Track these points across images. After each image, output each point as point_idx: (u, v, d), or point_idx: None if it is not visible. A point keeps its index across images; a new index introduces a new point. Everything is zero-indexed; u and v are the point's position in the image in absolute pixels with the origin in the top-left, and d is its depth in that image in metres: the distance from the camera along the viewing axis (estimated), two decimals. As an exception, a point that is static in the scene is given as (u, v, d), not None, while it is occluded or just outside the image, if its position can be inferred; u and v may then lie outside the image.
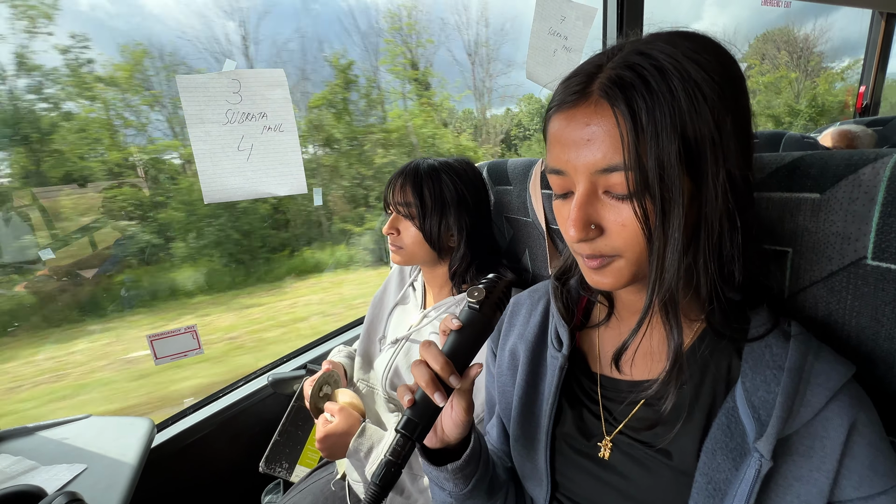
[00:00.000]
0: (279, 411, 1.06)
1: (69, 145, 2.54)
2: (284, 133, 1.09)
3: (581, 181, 0.41)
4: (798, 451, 0.40)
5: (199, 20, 2.68)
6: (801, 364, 0.41)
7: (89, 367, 2.47)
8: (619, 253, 0.42)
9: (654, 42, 0.39)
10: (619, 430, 0.50)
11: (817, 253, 0.47)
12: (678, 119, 0.36)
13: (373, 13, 3.56)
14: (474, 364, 0.50)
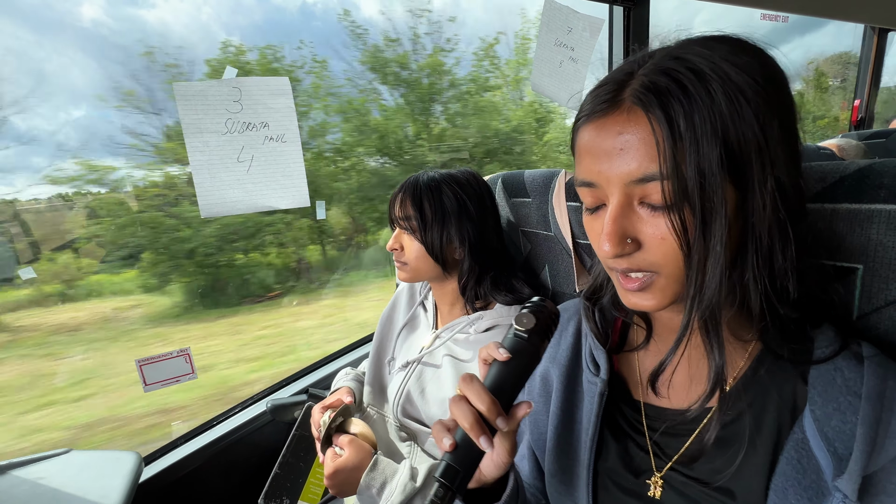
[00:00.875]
0: (278, 440, 0.98)
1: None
2: (287, 144, 1.04)
3: (614, 193, 0.39)
4: (886, 490, 0.35)
5: (200, 34, 2.65)
6: (881, 389, 0.36)
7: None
8: (658, 269, 0.39)
9: (688, 46, 0.37)
10: (671, 465, 0.45)
11: (893, 271, 0.43)
12: (719, 124, 0.34)
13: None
14: (521, 402, 0.44)
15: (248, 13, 2.90)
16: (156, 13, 2.51)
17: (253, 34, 2.59)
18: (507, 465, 0.45)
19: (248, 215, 2.50)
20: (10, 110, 1.65)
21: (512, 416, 0.43)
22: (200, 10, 2.74)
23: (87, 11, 2.10)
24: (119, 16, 2.35)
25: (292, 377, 1.21)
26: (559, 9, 1.32)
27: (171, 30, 2.46)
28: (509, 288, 0.83)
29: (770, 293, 0.38)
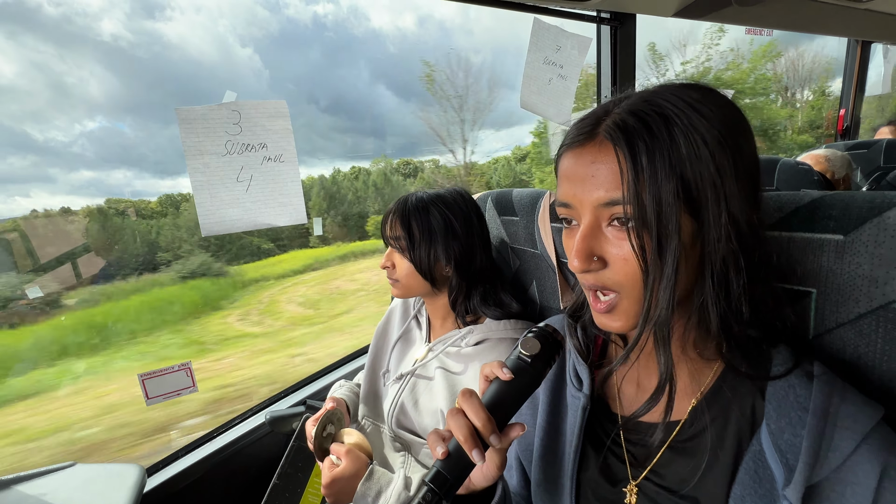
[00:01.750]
0: (277, 451, 1.01)
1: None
2: (285, 163, 1.08)
3: (586, 214, 0.44)
4: (829, 498, 0.38)
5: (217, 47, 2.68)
6: (825, 405, 0.40)
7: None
8: (620, 288, 0.44)
9: (661, 91, 0.42)
10: (644, 475, 0.49)
11: (843, 295, 0.47)
12: (677, 162, 0.39)
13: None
14: (515, 423, 0.47)
15: (265, 25, 2.97)
16: (173, 26, 2.57)
17: (268, 46, 2.64)
18: (496, 477, 0.49)
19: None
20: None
21: (505, 435, 0.46)
22: (217, 22, 2.80)
23: (106, 26, 2.15)
24: (137, 29, 2.40)
25: (290, 389, 1.24)
26: (547, 28, 1.37)
27: (188, 42, 2.51)
28: (498, 303, 0.86)
29: (727, 315, 0.42)
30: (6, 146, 2.13)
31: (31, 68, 1.77)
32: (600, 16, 1.46)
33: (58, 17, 1.74)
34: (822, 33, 1.80)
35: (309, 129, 5.29)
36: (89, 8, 1.78)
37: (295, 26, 3.02)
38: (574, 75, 1.48)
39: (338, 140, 6.49)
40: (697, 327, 0.46)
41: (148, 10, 2.30)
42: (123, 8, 1.97)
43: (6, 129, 1.96)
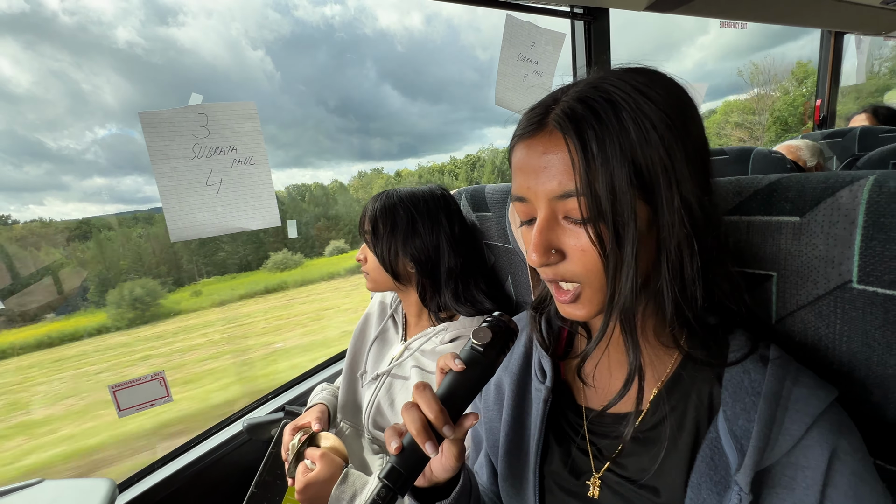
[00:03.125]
0: (256, 459, 0.99)
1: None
2: (255, 166, 1.06)
3: (541, 207, 0.43)
4: (781, 482, 0.38)
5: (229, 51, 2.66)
6: (777, 390, 0.39)
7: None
8: (581, 279, 0.43)
9: (608, 77, 0.42)
10: (607, 466, 0.48)
11: (802, 277, 0.46)
12: (628, 147, 0.38)
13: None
14: (469, 414, 0.47)
15: (276, 27, 2.98)
16: (186, 31, 2.55)
17: (280, 49, 2.64)
18: (455, 469, 0.48)
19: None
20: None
21: (459, 425, 0.46)
22: (229, 27, 2.78)
23: (121, 34, 2.13)
24: (151, 36, 2.39)
25: (269, 395, 1.21)
26: (521, 25, 1.37)
27: (201, 47, 2.49)
28: (470, 300, 0.85)
29: (680, 300, 0.42)
30: (23, 154, 2.13)
31: (48, 77, 1.75)
32: (574, 11, 1.46)
33: (73, 25, 1.72)
34: (792, 24, 1.82)
35: (316, 130, 5.42)
36: (104, 16, 1.76)
37: (304, 27, 3.02)
38: (550, 71, 1.48)
39: (345, 141, 6.72)
40: (655, 314, 0.46)
41: (161, 16, 2.30)
42: (138, 15, 1.94)
43: (21, 139, 1.95)
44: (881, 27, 2.24)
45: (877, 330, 0.42)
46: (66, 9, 3.53)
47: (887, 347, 0.41)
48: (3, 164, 2.11)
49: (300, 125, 6.16)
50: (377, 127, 9.01)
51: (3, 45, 1.46)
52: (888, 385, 0.42)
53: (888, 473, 0.43)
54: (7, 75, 1.56)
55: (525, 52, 1.40)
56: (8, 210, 2.17)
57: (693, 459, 0.42)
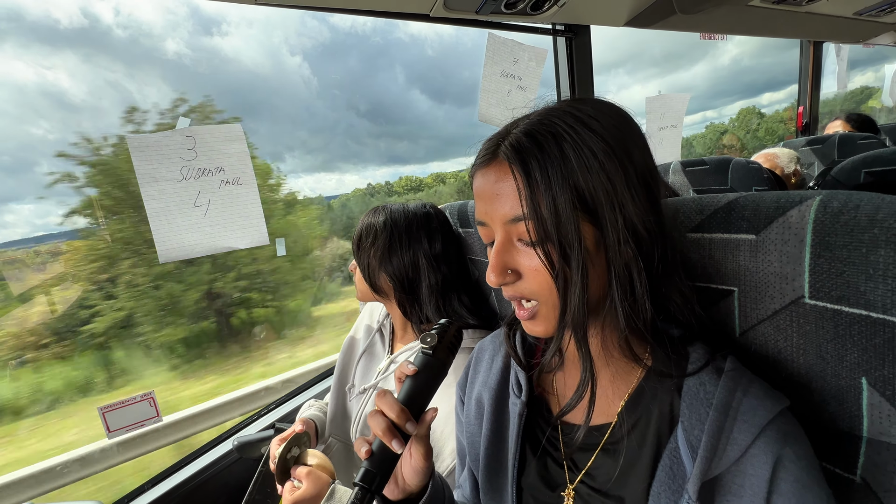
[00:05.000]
0: (246, 478, 0.99)
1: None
2: (243, 186, 1.08)
3: (498, 230, 0.46)
4: (730, 490, 0.39)
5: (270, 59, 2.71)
6: (728, 400, 0.41)
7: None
8: (536, 296, 0.46)
9: (556, 110, 0.45)
10: (580, 478, 0.50)
11: (760, 292, 0.48)
12: (569, 175, 0.41)
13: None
14: (430, 409, 0.50)
15: (314, 34, 3.07)
16: (229, 41, 2.62)
17: (317, 55, 2.70)
18: (426, 470, 0.51)
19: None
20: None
21: (421, 422, 0.49)
22: (270, 35, 2.84)
23: (170, 45, 2.18)
24: (197, 46, 2.46)
25: (259, 413, 1.22)
26: (503, 42, 1.40)
27: (242, 55, 2.55)
28: (452, 314, 0.87)
29: (631, 314, 0.45)
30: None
31: (104, 87, 1.82)
32: (555, 28, 1.50)
33: (126, 38, 1.78)
34: (769, 36, 1.87)
35: (345, 134, 5.42)
36: (154, 29, 1.81)
37: (339, 34, 3.10)
38: (534, 86, 1.52)
39: (371, 145, 6.69)
40: (615, 328, 0.48)
41: (206, 27, 2.37)
42: (186, 27, 1.99)
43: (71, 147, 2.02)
44: (858, 36, 2.30)
45: (829, 343, 0.43)
46: (119, 23, 3.64)
47: (839, 359, 0.43)
48: (57, 171, 2.22)
49: (330, 130, 6.08)
50: (404, 130, 9.11)
51: (63, 58, 1.53)
52: (842, 396, 0.44)
53: (844, 480, 0.44)
54: (65, 86, 1.64)
55: (508, 68, 1.44)
56: (56, 214, 2.28)
57: (655, 469, 0.44)
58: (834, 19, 1.83)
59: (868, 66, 8.64)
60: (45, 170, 1.68)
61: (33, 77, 1.66)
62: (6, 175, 2.49)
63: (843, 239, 0.41)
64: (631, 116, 0.46)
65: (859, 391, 0.42)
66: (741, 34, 1.72)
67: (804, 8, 1.52)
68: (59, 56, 2.98)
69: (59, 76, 1.82)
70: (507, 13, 1.25)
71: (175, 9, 4.96)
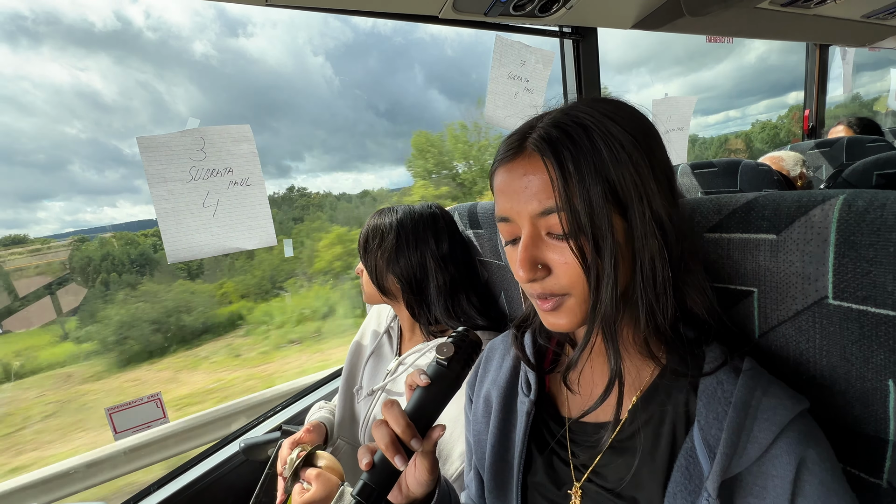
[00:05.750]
0: (253, 480, 0.98)
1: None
2: (252, 186, 1.08)
3: (525, 225, 0.45)
4: (752, 491, 0.39)
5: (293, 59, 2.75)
6: (747, 400, 0.41)
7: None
8: (567, 291, 0.45)
9: (577, 105, 0.45)
10: (587, 476, 0.49)
11: (781, 293, 0.48)
12: (601, 165, 0.41)
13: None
14: (437, 425, 0.49)
15: (336, 34, 3.13)
16: (254, 42, 2.65)
17: (340, 55, 2.74)
18: (429, 482, 0.50)
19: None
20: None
21: (428, 438, 0.48)
22: (295, 36, 2.88)
23: (198, 47, 2.22)
24: (224, 48, 2.50)
25: (265, 415, 1.21)
26: (510, 44, 1.40)
27: (267, 55, 2.58)
28: (462, 315, 0.86)
29: (653, 308, 0.44)
30: (105, 160, 2.27)
31: (135, 87, 1.85)
32: (562, 31, 1.50)
33: (156, 41, 1.80)
34: (776, 38, 1.87)
35: (364, 134, 5.87)
36: (183, 31, 1.83)
37: (361, 34, 3.15)
38: (541, 88, 1.51)
39: (389, 145, 7.10)
40: (633, 324, 0.48)
41: (232, 28, 2.41)
42: (213, 28, 2.02)
43: (102, 146, 2.05)
44: (865, 39, 2.29)
45: (853, 344, 0.43)
46: (149, 25, 3.76)
47: (864, 361, 0.42)
48: (88, 169, 2.36)
49: (349, 129, 6.19)
50: (422, 130, 9.29)
51: (97, 60, 1.57)
52: (868, 398, 0.43)
53: (870, 485, 0.43)
54: (98, 87, 1.68)
55: (515, 70, 1.44)
56: (84, 211, 2.45)
57: (670, 469, 0.43)
58: (842, 22, 1.82)
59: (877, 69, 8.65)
60: (78, 168, 1.74)
61: (68, 78, 1.72)
62: (41, 173, 2.63)
63: (868, 238, 0.40)
64: (647, 115, 0.47)
65: (886, 393, 0.41)
66: (749, 37, 1.72)
67: (812, 11, 1.52)
68: (93, 58, 3.07)
69: (93, 77, 1.88)
70: (515, 15, 1.25)
71: (203, 11, 5.17)
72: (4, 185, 6.22)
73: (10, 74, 9.95)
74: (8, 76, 8.89)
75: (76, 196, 8.75)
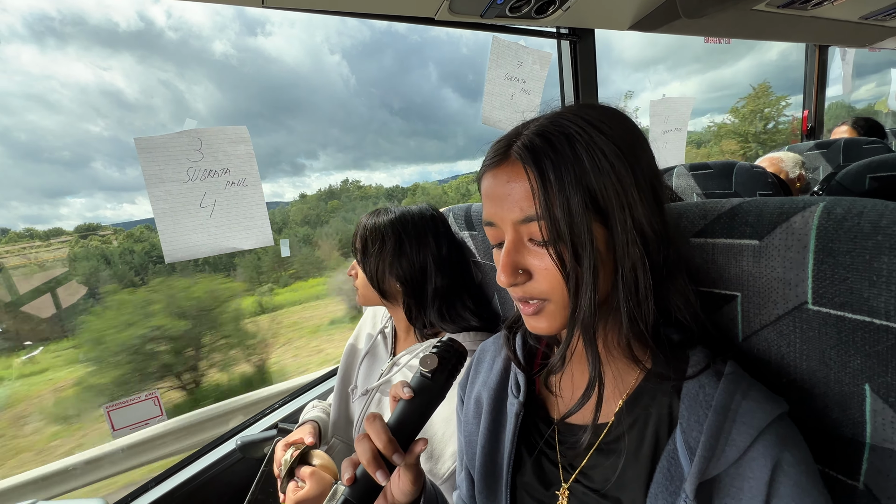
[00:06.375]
0: (249, 477, 0.99)
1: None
2: (248, 187, 1.09)
3: (508, 231, 0.46)
4: (729, 493, 0.39)
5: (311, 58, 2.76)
6: (727, 403, 0.41)
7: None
8: (547, 296, 0.46)
9: (565, 113, 0.46)
10: (574, 477, 0.50)
11: (763, 297, 0.48)
12: (582, 175, 0.42)
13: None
14: (419, 439, 0.49)
15: (353, 33, 3.16)
16: (273, 41, 2.67)
17: (358, 54, 2.75)
18: (414, 493, 0.50)
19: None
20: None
21: (410, 452, 0.48)
22: (312, 35, 2.90)
23: (217, 46, 2.24)
24: (243, 47, 2.51)
25: (262, 413, 1.22)
26: (507, 45, 1.41)
27: (285, 54, 2.59)
28: (455, 318, 0.87)
29: (634, 315, 0.45)
30: (126, 158, 2.32)
31: (157, 86, 1.87)
32: (560, 32, 1.51)
33: (177, 40, 1.81)
34: (774, 40, 1.87)
35: (377, 133, 6.06)
36: (203, 31, 1.84)
37: (378, 32, 3.16)
38: (538, 89, 1.52)
39: (402, 143, 7.45)
40: (617, 330, 0.48)
41: (251, 27, 2.43)
42: (233, 28, 2.03)
43: (123, 144, 2.07)
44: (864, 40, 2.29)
45: (831, 349, 0.43)
46: (171, 25, 3.84)
47: (842, 366, 0.43)
48: (110, 166, 2.47)
49: (364, 128, 6.28)
50: (434, 129, 9.25)
51: (120, 60, 1.58)
52: (845, 402, 0.44)
53: (847, 486, 0.44)
54: (121, 86, 1.70)
55: (512, 71, 1.44)
56: (105, 207, 2.56)
57: (653, 470, 0.44)
58: (840, 23, 1.82)
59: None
60: (100, 166, 1.79)
61: (92, 77, 1.75)
62: (66, 170, 2.72)
63: (846, 245, 0.41)
64: (634, 122, 0.47)
65: (862, 398, 0.42)
66: (746, 38, 1.72)
67: (810, 12, 1.52)
68: (116, 58, 3.15)
69: (116, 76, 1.91)
70: (511, 17, 1.25)
71: (222, 10, 5.26)
72: (31, 182, 6.63)
73: (38, 74, 11.04)
74: (36, 75, 9.86)
75: (97, 193, 9.13)
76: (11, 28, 10.15)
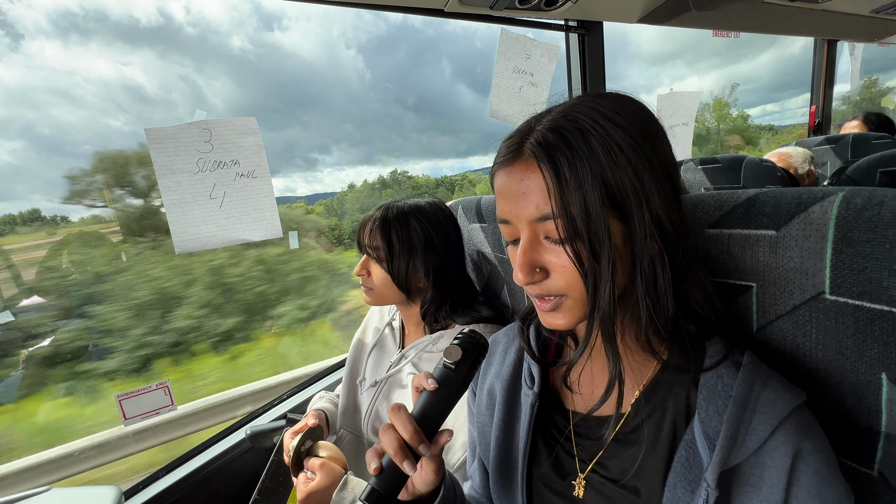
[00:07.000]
0: (259, 467, 1.00)
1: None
2: (258, 179, 1.09)
3: (524, 229, 0.45)
4: (749, 481, 0.40)
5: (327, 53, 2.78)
6: (747, 393, 0.42)
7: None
8: (564, 292, 0.46)
9: (578, 105, 0.44)
10: (591, 467, 0.50)
11: (779, 287, 0.48)
12: (598, 171, 0.41)
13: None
14: (444, 430, 0.49)
15: (369, 28, 3.17)
16: (289, 36, 2.68)
17: (374, 49, 2.76)
18: (435, 482, 0.50)
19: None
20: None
21: (434, 443, 0.48)
22: (329, 30, 2.91)
23: (235, 41, 2.25)
24: (260, 42, 2.52)
25: (271, 403, 1.23)
26: (516, 38, 1.40)
27: (301, 49, 2.60)
28: (468, 310, 0.87)
29: (654, 308, 0.45)
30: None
31: (176, 81, 1.87)
32: (568, 24, 1.50)
33: (196, 36, 1.81)
34: (783, 34, 1.85)
35: (389, 128, 6.06)
36: (221, 26, 1.84)
37: (393, 27, 3.16)
38: (546, 82, 1.51)
39: (414, 139, 7.59)
40: (634, 323, 0.49)
41: (268, 23, 2.43)
42: (250, 23, 2.03)
43: (142, 138, 2.13)
44: (874, 34, 2.27)
45: (849, 339, 0.44)
46: (189, 21, 3.85)
47: (859, 355, 0.43)
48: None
49: (377, 123, 6.23)
50: (447, 124, 9.20)
51: (141, 55, 1.58)
52: (861, 391, 0.44)
53: (862, 475, 0.44)
54: (141, 81, 1.72)
55: (520, 64, 1.44)
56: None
57: (671, 460, 0.44)
58: (850, 17, 1.81)
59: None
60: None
61: (113, 73, 1.77)
62: (86, 164, 2.84)
63: (866, 235, 0.41)
64: (651, 111, 0.46)
65: (879, 387, 0.42)
66: (756, 31, 1.71)
67: (820, 5, 1.51)
68: (136, 53, 3.13)
69: (136, 72, 1.93)
70: (520, 9, 1.24)
71: (240, 6, 5.28)
72: (53, 176, 6.80)
73: (61, 69, 11.06)
74: (59, 71, 9.86)
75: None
76: (37, 24, 10.24)
